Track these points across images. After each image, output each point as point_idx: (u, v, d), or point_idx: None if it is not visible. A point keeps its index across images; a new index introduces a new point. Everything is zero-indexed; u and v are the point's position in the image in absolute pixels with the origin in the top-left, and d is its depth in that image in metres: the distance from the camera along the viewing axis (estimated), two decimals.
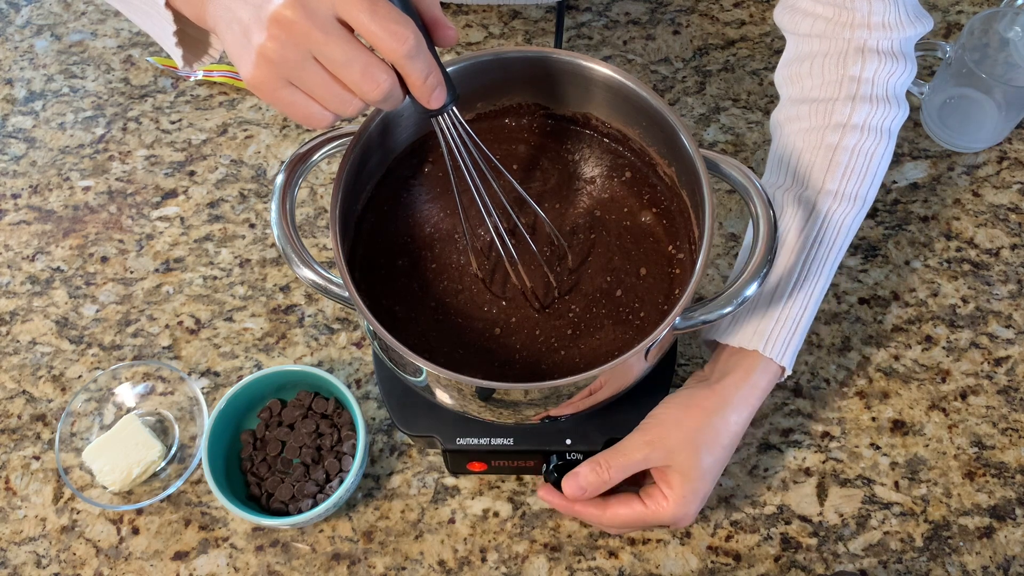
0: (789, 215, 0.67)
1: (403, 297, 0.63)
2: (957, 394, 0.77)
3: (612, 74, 0.61)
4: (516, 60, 0.63)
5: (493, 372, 0.60)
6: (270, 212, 0.60)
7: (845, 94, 0.68)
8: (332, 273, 0.57)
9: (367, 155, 0.62)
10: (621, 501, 0.64)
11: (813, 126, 0.68)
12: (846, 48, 0.68)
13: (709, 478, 0.63)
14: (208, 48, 0.60)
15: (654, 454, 0.62)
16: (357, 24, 0.45)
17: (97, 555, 0.73)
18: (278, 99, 0.48)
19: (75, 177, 0.89)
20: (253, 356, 0.79)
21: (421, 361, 0.54)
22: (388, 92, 0.48)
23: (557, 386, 0.54)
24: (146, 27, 0.59)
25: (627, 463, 0.62)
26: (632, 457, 0.62)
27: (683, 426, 0.63)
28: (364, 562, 0.72)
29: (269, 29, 0.45)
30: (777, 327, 0.65)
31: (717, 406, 0.63)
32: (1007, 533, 0.72)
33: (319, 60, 0.46)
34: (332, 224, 0.57)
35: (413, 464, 0.75)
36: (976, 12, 0.95)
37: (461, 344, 0.61)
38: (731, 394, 0.64)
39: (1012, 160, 0.87)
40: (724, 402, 0.64)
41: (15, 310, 0.82)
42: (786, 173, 0.69)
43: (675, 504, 0.62)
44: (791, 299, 0.65)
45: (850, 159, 0.67)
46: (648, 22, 0.96)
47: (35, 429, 0.77)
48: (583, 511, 0.65)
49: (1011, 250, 0.83)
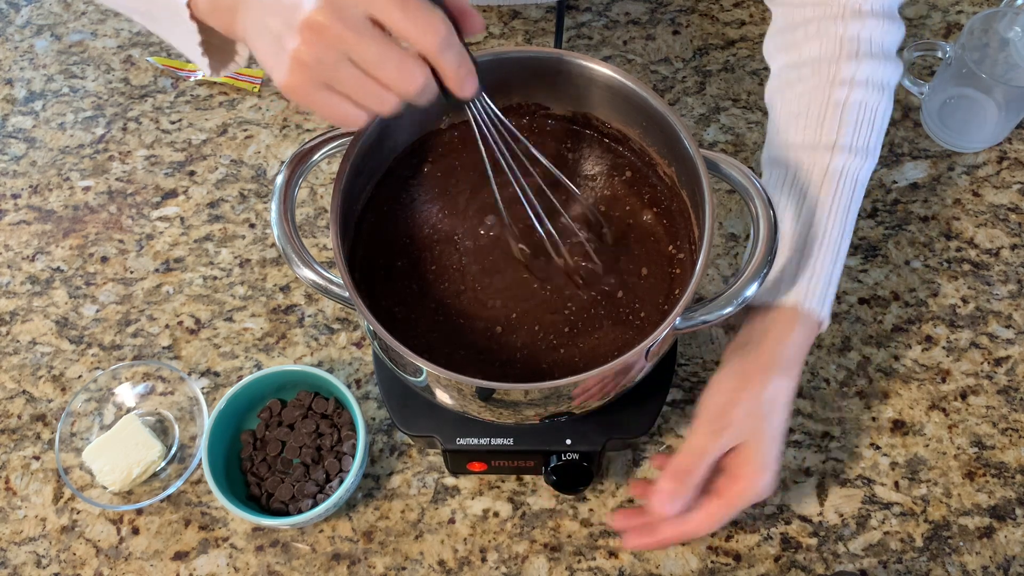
0: (805, 171, 0.67)
1: (403, 297, 0.63)
2: (957, 394, 0.77)
3: (612, 74, 0.61)
4: (516, 60, 0.63)
5: (494, 372, 0.60)
6: (270, 212, 0.60)
7: (847, 52, 0.69)
8: (332, 273, 0.57)
9: (367, 155, 0.62)
10: (699, 509, 0.62)
11: (818, 84, 0.69)
12: (842, 11, 0.69)
13: (780, 439, 0.63)
14: (235, 55, 0.60)
15: (725, 437, 0.62)
16: (389, 21, 0.47)
17: (97, 555, 0.73)
18: (314, 102, 0.49)
19: (75, 177, 0.89)
20: (253, 356, 0.79)
21: (421, 361, 0.54)
22: (424, 86, 0.49)
23: (557, 386, 0.54)
24: (170, 39, 0.59)
25: (703, 457, 0.62)
26: (706, 449, 0.62)
27: (741, 400, 0.62)
28: (364, 562, 0.72)
29: (302, 34, 0.47)
30: (813, 281, 0.65)
31: (767, 367, 0.63)
32: (1007, 533, 0.72)
33: (354, 61, 0.47)
34: (332, 224, 0.57)
35: (413, 464, 0.75)
36: (976, 12, 0.95)
37: (462, 344, 0.61)
38: (778, 352, 0.64)
39: (1012, 160, 0.87)
40: (772, 362, 0.63)
41: (15, 310, 0.82)
42: (796, 131, 0.69)
43: (756, 475, 0.61)
44: (820, 253, 0.65)
45: (859, 114, 0.68)
46: (648, 22, 0.96)
47: (35, 429, 0.77)
48: (669, 535, 0.62)
49: (1011, 250, 0.83)
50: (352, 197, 0.62)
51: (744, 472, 0.62)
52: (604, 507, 0.73)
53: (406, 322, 0.62)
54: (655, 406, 0.68)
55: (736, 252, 0.83)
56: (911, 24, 0.94)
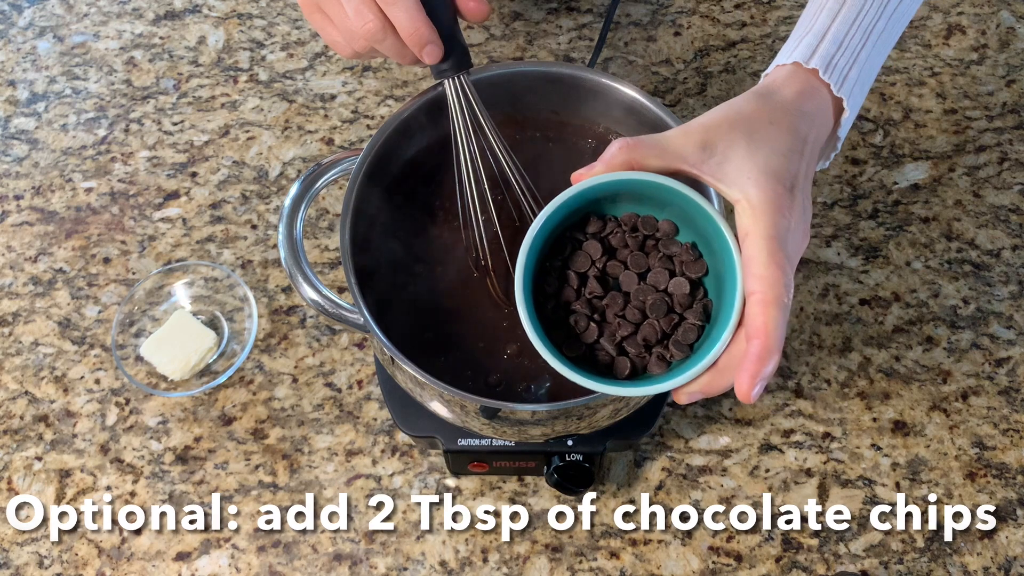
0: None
1: (413, 317, 0.62)
2: (958, 395, 0.77)
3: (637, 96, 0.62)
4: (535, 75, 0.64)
5: (511, 396, 0.60)
6: (278, 234, 0.62)
7: None
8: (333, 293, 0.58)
9: (373, 177, 0.62)
10: (729, 354, 0.47)
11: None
12: None
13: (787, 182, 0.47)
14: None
15: (689, 141, 0.48)
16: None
17: (99, 555, 0.73)
18: (312, 21, 0.57)
19: (77, 178, 0.89)
20: (254, 356, 0.80)
21: (442, 386, 0.54)
22: (373, 31, 0.54)
23: (568, 407, 0.55)
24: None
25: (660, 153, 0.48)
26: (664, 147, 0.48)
27: (728, 117, 0.49)
28: (366, 562, 0.72)
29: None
30: (841, 53, 0.52)
31: (769, 112, 0.49)
32: (1008, 534, 0.72)
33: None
34: (344, 256, 0.58)
35: (414, 465, 0.75)
36: (976, 13, 0.95)
37: (470, 367, 0.61)
38: (787, 107, 0.50)
39: (1013, 161, 0.87)
40: (778, 110, 0.50)
41: (17, 311, 0.83)
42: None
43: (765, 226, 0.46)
44: (857, 31, 0.53)
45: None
46: (649, 23, 0.96)
47: (37, 430, 0.78)
48: (713, 385, 0.48)
49: (1012, 251, 0.83)
50: (360, 220, 0.62)
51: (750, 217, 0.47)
52: (605, 508, 0.73)
53: (413, 341, 0.61)
54: (656, 407, 0.69)
55: None
56: (911, 25, 0.95)
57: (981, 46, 0.94)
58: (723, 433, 0.76)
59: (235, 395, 0.78)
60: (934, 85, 0.91)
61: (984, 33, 0.94)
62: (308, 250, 0.84)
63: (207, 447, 0.76)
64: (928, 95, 0.91)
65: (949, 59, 0.93)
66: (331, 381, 0.79)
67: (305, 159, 0.89)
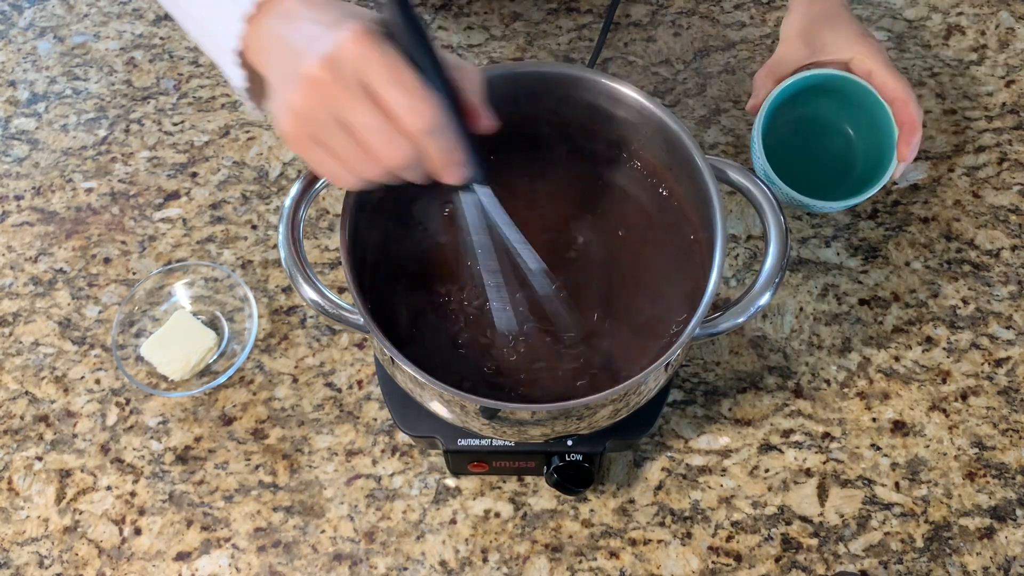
0: None
1: (413, 317, 0.63)
2: (957, 395, 0.77)
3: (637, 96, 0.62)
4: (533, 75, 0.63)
5: (510, 399, 0.60)
6: (278, 234, 0.61)
7: None
8: (333, 293, 0.57)
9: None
10: None
11: None
12: None
13: (861, 28, 0.74)
14: None
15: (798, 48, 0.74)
16: (380, 94, 0.45)
17: (99, 555, 0.73)
18: (306, 155, 0.49)
19: (78, 179, 0.89)
20: (254, 356, 0.80)
21: (441, 386, 0.54)
22: (405, 163, 0.47)
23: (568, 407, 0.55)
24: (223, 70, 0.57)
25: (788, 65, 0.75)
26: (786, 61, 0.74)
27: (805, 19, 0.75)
28: (366, 562, 0.72)
29: (301, 86, 0.46)
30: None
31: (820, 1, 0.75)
32: (1008, 534, 0.72)
33: (343, 122, 0.46)
34: (344, 256, 0.57)
35: (415, 465, 0.75)
36: (976, 13, 0.95)
37: (471, 367, 0.61)
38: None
39: (1012, 161, 0.87)
40: None
41: (18, 311, 0.83)
42: None
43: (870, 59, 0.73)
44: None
45: None
46: (649, 24, 0.96)
47: (37, 430, 0.78)
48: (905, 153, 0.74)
49: (1011, 251, 0.83)
50: (359, 227, 0.62)
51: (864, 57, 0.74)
52: (605, 508, 0.74)
53: (414, 344, 0.62)
54: (656, 407, 0.69)
55: (736, 253, 0.83)
56: (911, 26, 0.95)
57: (980, 46, 0.94)
58: (723, 433, 0.76)
59: (235, 395, 0.78)
60: (933, 85, 0.91)
61: (983, 33, 0.94)
62: (308, 250, 0.84)
63: (207, 447, 0.76)
64: (928, 95, 0.91)
65: (948, 59, 0.93)
66: (331, 381, 0.79)
67: None
